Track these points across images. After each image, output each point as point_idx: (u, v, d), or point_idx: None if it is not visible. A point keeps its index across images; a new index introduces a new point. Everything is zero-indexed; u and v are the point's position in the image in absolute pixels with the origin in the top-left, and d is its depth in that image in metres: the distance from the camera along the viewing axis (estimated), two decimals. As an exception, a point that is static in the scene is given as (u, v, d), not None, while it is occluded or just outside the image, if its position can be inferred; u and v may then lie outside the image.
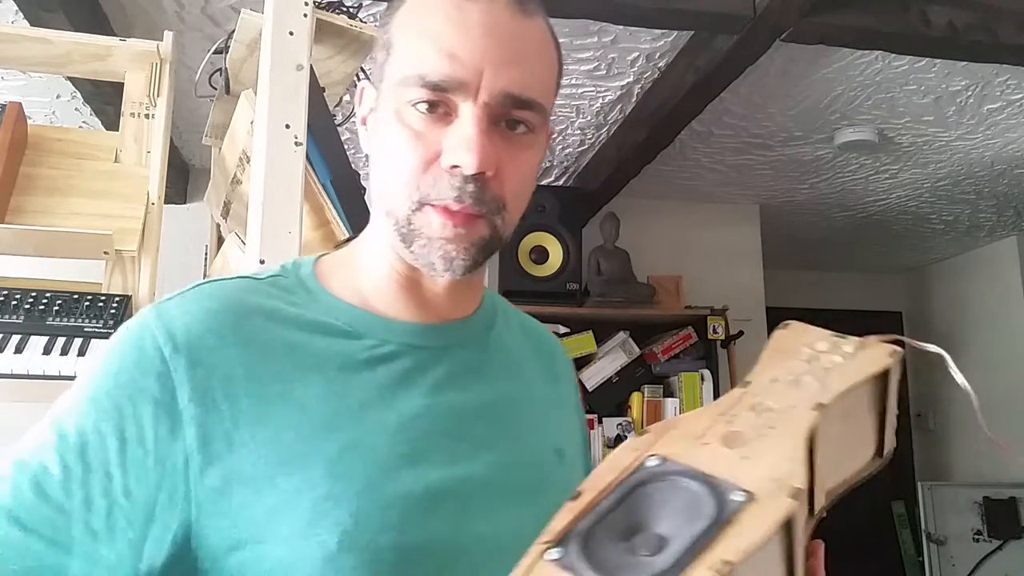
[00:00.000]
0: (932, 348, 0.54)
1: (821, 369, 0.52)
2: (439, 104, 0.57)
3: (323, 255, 0.68)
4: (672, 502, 0.43)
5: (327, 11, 1.42)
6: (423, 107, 0.57)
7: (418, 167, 0.57)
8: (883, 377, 0.53)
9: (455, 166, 0.56)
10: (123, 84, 1.59)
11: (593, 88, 2.47)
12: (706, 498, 0.42)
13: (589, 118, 2.69)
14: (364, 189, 1.46)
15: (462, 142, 0.55)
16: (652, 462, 0.45)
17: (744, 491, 0.42)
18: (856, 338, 0.55)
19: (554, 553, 0.40)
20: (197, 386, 0.54)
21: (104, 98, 2.27)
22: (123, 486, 0.52)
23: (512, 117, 0.58)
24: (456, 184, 0.56)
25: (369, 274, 0.64)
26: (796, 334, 0.56)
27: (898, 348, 0.53)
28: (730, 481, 0.43)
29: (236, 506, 0.53)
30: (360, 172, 2.32)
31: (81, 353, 1.31)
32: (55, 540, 0.50)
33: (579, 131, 2.80)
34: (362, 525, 0.53)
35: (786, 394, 0.50)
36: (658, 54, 2.27)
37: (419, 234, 0.58)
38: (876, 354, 0.53)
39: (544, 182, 3.24)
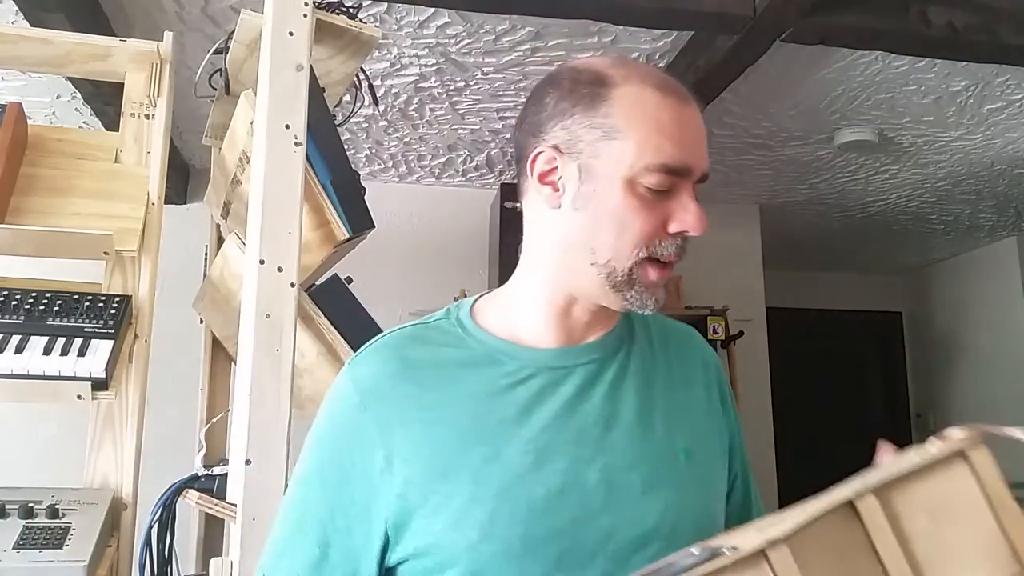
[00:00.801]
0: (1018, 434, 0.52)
1: (894, 466, 0.52)
2: (669, 183, 0.72)
3: (481, 296, 0.83)
4: (678, 572, 0.49)
5: (327, 11, 1.42)
6: (659, 186, 0.71)
7: (651, 231, 0.72)
8: (972, 473, 0.52)
9: (682, 231, 0.72)
10: (123, 84, 1.59)
11: (593, 88, 2.47)
12: (700, 557, 0.49)
13: (589, 118, 2.69)
14: (364, 189, 1.45)
15: (691, 214, 0.72)
16: (693, 549, 0.51)
17: (733, 547, 0.48)
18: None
19: None
20: (381, 418, 0.72)
21: (104, 98, 2.27)
22: (351, 496, 0.72)
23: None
24: (678, 243, 0.73)
25: (524, 310, 0.78)
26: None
27: (976, 435, 0.52)
28: (729, 544, 0.49)
29: (411, 507, 0.69)
30: (360, 172, 2.32)
31: (81, 353, 1.31)
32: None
33: (579, 131, 2.79)
34: (496, 521, 0.68)
35: (844, 487, 0.52)
36: (658, 54, 2.27)
37: (636, 283, 0.72)
38: (946, 443, 0.53)
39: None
